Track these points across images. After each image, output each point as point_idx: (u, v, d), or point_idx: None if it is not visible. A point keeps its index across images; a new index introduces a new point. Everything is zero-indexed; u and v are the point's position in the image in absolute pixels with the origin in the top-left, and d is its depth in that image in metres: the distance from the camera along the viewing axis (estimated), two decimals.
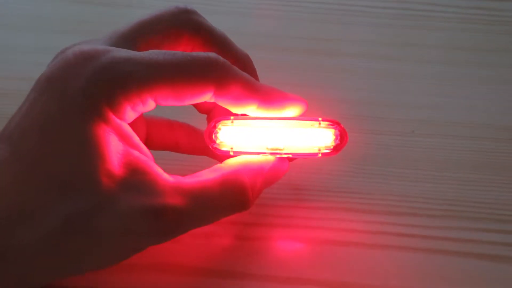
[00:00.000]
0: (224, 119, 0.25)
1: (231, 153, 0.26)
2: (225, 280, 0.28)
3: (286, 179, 0.32)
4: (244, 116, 0.26)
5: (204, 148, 0.28)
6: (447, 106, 0.37)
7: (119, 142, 0.22)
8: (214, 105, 0.26)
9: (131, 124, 0.23)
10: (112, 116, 0.22)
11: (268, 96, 0.25)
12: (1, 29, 0.41)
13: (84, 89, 0.21)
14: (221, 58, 0.23)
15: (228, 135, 0.26)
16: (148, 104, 0.23)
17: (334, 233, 0.30)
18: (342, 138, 0.26)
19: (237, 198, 0.24)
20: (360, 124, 0.35)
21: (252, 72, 0.27)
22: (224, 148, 0.26)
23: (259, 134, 0.26)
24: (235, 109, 0.25)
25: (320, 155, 0.26)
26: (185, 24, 0.25)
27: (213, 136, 0.25)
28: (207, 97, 0.24)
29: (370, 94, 0.37)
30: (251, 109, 0.25)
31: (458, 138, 0.35)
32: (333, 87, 0.38)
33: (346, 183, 0.33)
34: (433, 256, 0.30)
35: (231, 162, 0.25)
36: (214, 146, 0.26)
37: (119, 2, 0.43)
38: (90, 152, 0.21)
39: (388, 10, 0.43)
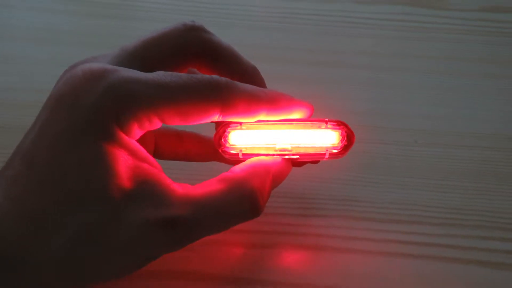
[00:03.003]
0: (233, 123, 0.25)
1: (240, 156, 0.26)
2: (234, 287, 0.29)
3: (291, 187, 0.33)
4: None
5: (213, 154, 0.29)
6: (449, 116, 0.37)
7: (128, 156, 0.22)
8: None
9: (140, 137, 0.24)
10: (120, 134, 0.22)
11: (275, 104, 0.25)
12: (19, 42, 0.42)
13: (94, 108, 0.21)
14: (223, 79, 0.23)
15: (237, 139, 0.26)
16: (154, 124, 0.23)
17: (339, 240, 0.31)
18: (349, 139, 0.26)
19: (248, 205, 0.24)
20: (363, 134, 0.36)
21: (260, 84, 0.27)
22: (233, 151, 0.26)
23: (267, 137, 0.26)
24: (244, 120, 0.25)
25: (327, 155, 0.27)
26: (191, 43, 0.25)
27: (222, 140, 0.26)
28: (214, 118, 0.24)
29: (373, 104, 0.38)
30: (260, 117, 0.25)
31: (460, 147, 0.36)
32: (336, 97, 0.38)
33: (350, 191, 0.33)
34: (435, 263, 0.30)
35: (237, 169, 0.25)
36: (224, 149, 0.26)
37: (134, 16, 0.44)
38: (101, 168, 0.21)
39: (392, 22, 0.44)
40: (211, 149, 0.27)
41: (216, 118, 0.24)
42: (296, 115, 0.26)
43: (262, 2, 0.45)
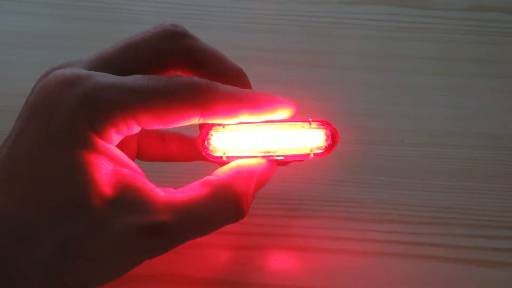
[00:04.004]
0: (216, 125, 0.25)
1: (224, 159, 0.26)
2: None
3: (278, 189, 0.33)
4: None
5: (196, 154, 0.28)
6: (436, 115, 0.38)
7: (108, 163, 0.22)
8: None
9: (121, 141, 0.24)
10: (98, 141, 0.22)
11: (257, 103, 0.25)
12: (2, 46, 0.41)
13: (68, 117, 0.21)
14: (203, 81, 0.23)
15: (220, 141, 0.26)
16: (133, 128, 0.23)
17: (327, 241, 0.31)
18: (333, 138, 0.26)
19: (232, 209, 0.24)
20: (351, 134, 0.36)
21: (246, 86, 0.26)
22: (217, 154, 0.26)
23: (251, 138, 0.26)
24: (226, 122, 0.25)
25: (312, 155, 0.26)
26: (172, 51, 0.24)
27: (206, 143, 0.26)
28: (195, 120, 0.23)
29: (361, 105, 0.38)
30: (243, 118, 0.25)
31: (446, 146, 0.36)
32: (325, 98, 0.38)
33: (338, 192, 0.33)
34: (423, 262, 0.30)
35: (221, 172, 0.25)
36: (207, 152, 0.26)
37: (117, 18, 0.43)
38: (80, 177, 0.21)
39: (380, 22, 0.44)
40: (195, 149, 0.26)
41: (197, 120, 0.24)
42: (280, 114, 0.26)
43: (250, 4, 0.45)
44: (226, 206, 0.24)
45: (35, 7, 0.44)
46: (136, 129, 0.23)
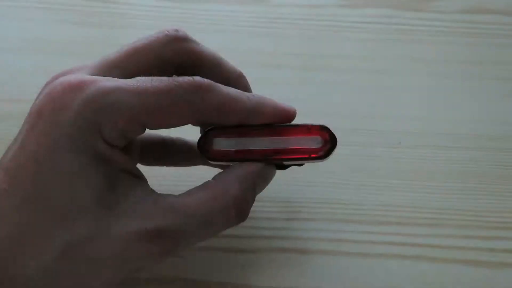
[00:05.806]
0: (216, 128, 0.26)
1: (224, 162, 0.26)
2: None
3: (277, 192, 0.33)
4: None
5: (197, 159, 0.29)
6: (432, 117, 0.38)
7: (111, 167, 0.22)
8: None
9: (124, 145, 0.24)
10: (103, 145, 0.22)
11: (258, 107, 0.25)
12: (2, 52, 0.41)
13: (74, 120, 0.21)
14: (205, 80, 0.23)
15: (220, 144, 0.26)
16: (138, 130, 0.23)
17: (325, 243, 0.31)
18: (331, 143, 0.26)
19: (233, 212, 0.24)
20: (348, 136, 0.36)
21: (245, 89, 0.27)
22: (217, 157, 0.26)
23: (251, 142, 0.26)
24: (226, 123, 0.25)
25: (310, 160, 0.27)
26: (174, 54, 0.25)
27: (206, 146, 0.26)
28: (198, 120, 0.24)
29: (358, 107, 0.38)
30: (243, 120, 0.25)
31: (443, 148, 0.36)
32: (323, 101, 0.38)
33: (336, 194, 0.34)
34: (422, 263, 0.31)
35: (221, 175, 0.25)
36: (208, 155, 0.26)
37: (118, 23, 0.43)
38: (84, 183, 0.21)
39: (376, 25, 0.44)
40: (196, 154, 0.26)
41: (199, 120, 0.24)
42: (279, 118, 0.26)
43: (248, 7, 0.45)
44: (226, 208, 0.24)
45: (35, 12, 0.44)
46: (141, 130, 0.23)
